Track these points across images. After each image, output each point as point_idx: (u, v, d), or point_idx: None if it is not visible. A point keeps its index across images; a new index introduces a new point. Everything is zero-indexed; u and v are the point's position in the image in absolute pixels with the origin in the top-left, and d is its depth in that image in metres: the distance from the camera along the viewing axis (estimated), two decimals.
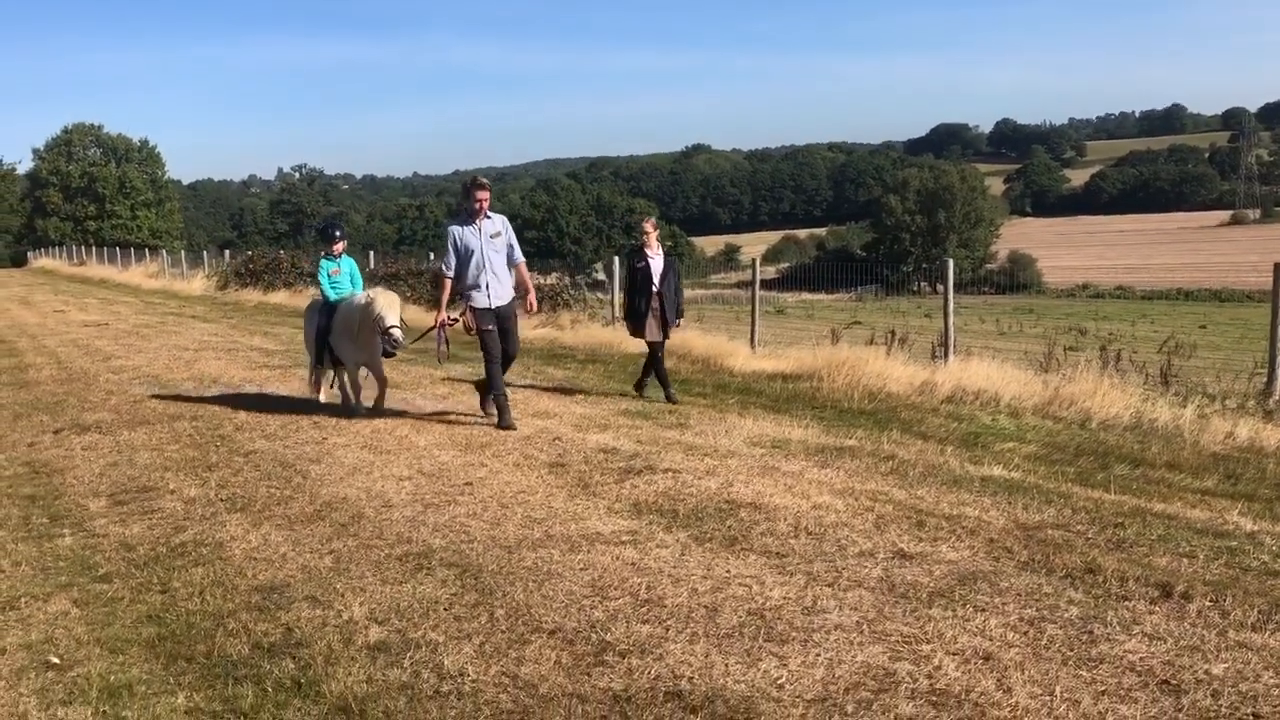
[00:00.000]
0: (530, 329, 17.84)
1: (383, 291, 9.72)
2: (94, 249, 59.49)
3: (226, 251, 42.65)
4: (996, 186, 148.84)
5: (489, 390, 9.54)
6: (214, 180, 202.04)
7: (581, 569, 5.50)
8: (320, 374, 10.77)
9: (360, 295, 9.85)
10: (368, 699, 4.06)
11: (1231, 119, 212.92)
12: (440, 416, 10.05)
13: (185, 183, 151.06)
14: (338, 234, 10.41)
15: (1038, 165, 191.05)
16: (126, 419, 10.31)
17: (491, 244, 9.22)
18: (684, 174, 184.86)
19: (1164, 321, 46.22)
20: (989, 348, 14.87)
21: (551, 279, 23.98)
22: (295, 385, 12.25)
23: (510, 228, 9.42)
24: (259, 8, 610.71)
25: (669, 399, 10.84)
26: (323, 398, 10.75)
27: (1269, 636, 4.45)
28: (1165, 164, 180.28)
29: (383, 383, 10.17)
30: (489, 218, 9.25)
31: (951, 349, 12.59)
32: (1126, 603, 4.87)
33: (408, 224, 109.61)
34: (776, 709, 3.90)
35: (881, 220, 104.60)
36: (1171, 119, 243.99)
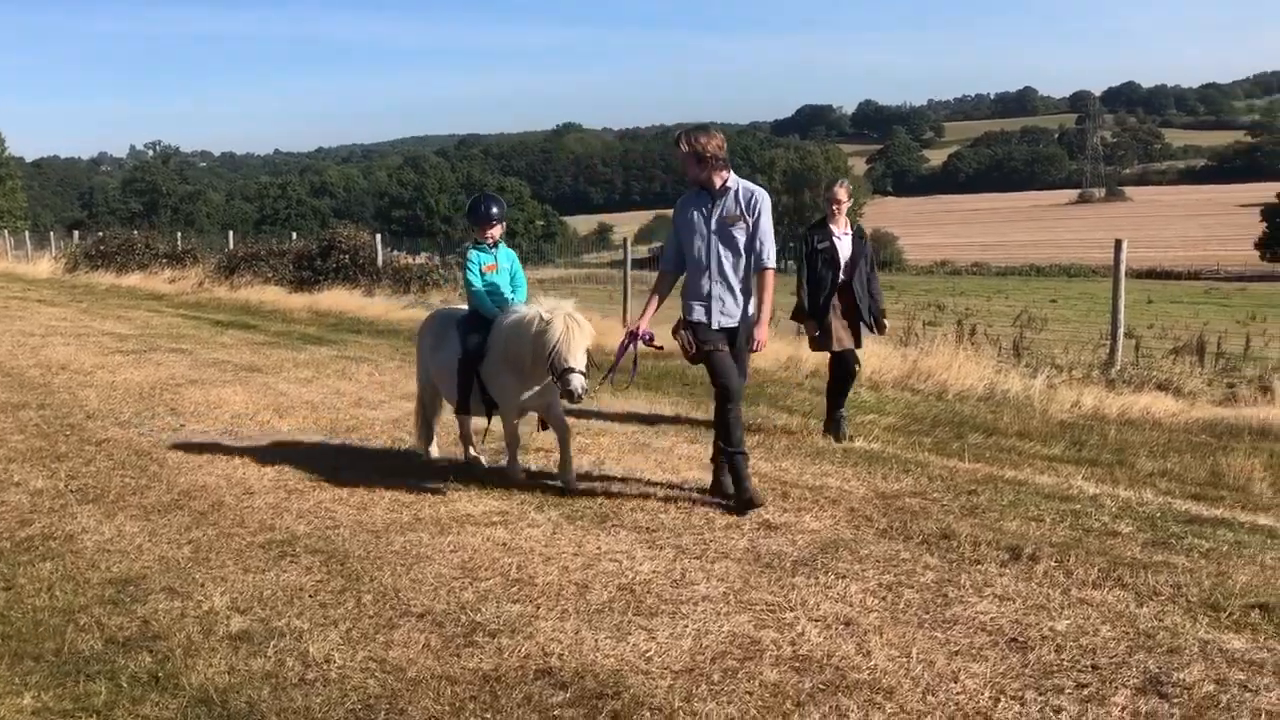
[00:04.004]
0: (399, 310, 17.58)
1: (565, 311, 6.19)
2: None
3: (75, 232, 40.73)
4: (859, 167, 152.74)
5: (725, 442, 6.12)
6: (60, 158, 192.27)
7: (451, 551, 5.47)
8: (436, 419, 7.53)
9: (531, 311, 6.31)
10: (229, 689, 3.96)
11: (1078, 101, 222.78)
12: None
13: (29, 160, 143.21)
14: (494, 211, 6.95)
15: (898, 146, 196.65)
16: None
17: (725, 233, 6.05)
18: (555, 153, 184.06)
19: (1018, 296, 48.17)
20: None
21: (421, 259, 23.67)
22: (149, 370, 11.78)
23: (766, 209, 6.12)
24: None
25: (832, 430, 8.00)
26: (435, 452, 7.51)
27: (1107, 593, 4.71)
28: (1018, 144, 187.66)
29: (565, 432, 6.72)
30: (728, 193, 6.09)
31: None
32: (979, 566, 5.09)
33: (269, 203, 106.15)
34: (645, 681, 3.96)
35: None
36: (1024, 101, 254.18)
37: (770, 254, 6.09)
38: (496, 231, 6.98)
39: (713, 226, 6.07)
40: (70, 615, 4.73)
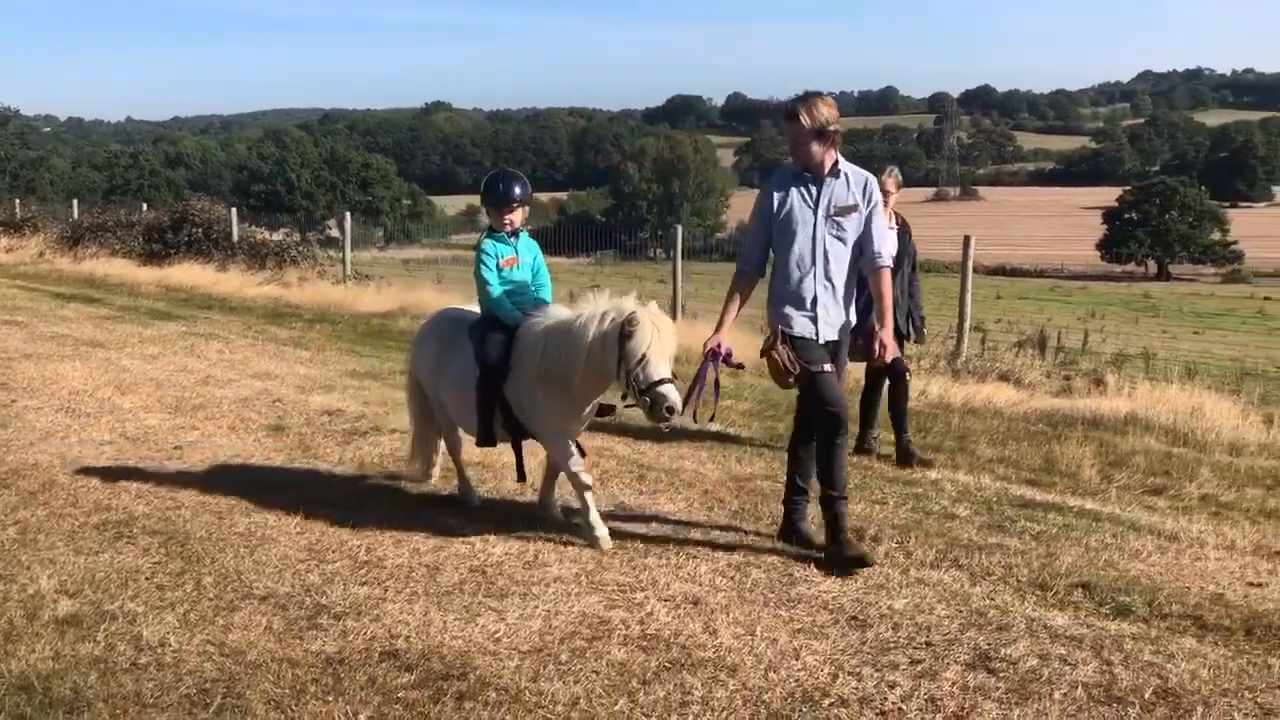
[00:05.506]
0: (254, 286, 17.04)
1: (646, 309, 4.96)
2: None
3: None
4: (727, 158, 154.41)
5: (828, 485, 5.05)
6: None
7: (298, 533, 5.34)
8: (434, 441, 6.15)
9: (586, 312, 5.03)
10: (53, 675, 3.78)
11: (937, 103, 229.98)
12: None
13: None
14: (517, 192, 5.53)
15: (766, 139, 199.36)
16: None
17: (834, 225, 5.02)
18: (424, 131, 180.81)
19: None
20: (716, 312, 15.49)
21: (279, 235, 22.97)
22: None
23: (877, 195, 5.14)
24: None
25: (905, 457, 6.98)
26: (436, 475, 6.26)
27: (944, 573, 4.90)
28: (879, 142, 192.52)
29: (562, 464, 5.39)
30: (839, 176, 5.04)
31: (679, 312, 13.02)
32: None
33: (120, 172, 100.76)
34: (492, 662, 3.94)
35: (620, 187, 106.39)
36: (885, 100, 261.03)
37: (885, 253, 5.11)
38: (518, 217, 5.54)
39: (821, 216, 5.00)
40: None
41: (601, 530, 5.19)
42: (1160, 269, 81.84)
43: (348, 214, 20.51)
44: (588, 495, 5.21)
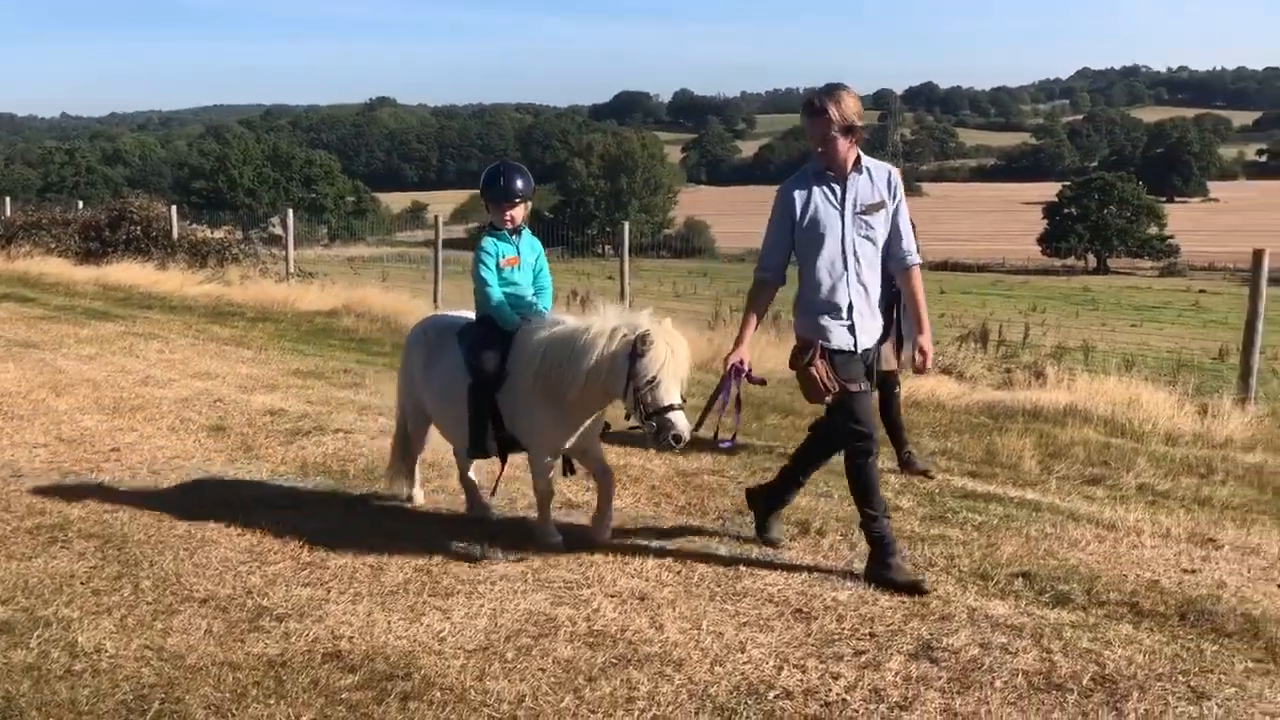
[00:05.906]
0: (194, 285, 16.78)
1: (661, 326, 4.82)
2: None
3: None
4: (674, 155, 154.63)
5: (866, 505, 4.79)
6: None
7: (239, 534, 5.26)
8: (415, 455, 5.83)
9: (596, 325, 4.81)
10: None
11: (881, 99, 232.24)
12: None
13: None
14: (519, 185, 5.25)
15: (713, 136, 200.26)
16: None
17: (863, 225, 4.73)
18: (368, 127, 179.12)
19: None
20: (663, 307, 15.52)
21: (220, 232, 22.63)
22: None
23: (902, 189, 4.88)
24: None
25: (906, 465, 6.77)
26: (419, 495, 5.88)
27: None
28: None
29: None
30: (863, 172, 4.77)
31: (627, 309, 13.01)
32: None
33: (55, 169, 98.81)
34: (437, 661, 3.92)
35: (567, 184, 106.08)
36: None
37: (914, 250, 4.86)
38: (519, 213, 5.25)
39: (849, 217, 4.71)
40: None
41: (556, 539, 5.15)
42: (1099, 263, 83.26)
43: (290, 211, 20.26)
44: (548, 510, 5.23)
